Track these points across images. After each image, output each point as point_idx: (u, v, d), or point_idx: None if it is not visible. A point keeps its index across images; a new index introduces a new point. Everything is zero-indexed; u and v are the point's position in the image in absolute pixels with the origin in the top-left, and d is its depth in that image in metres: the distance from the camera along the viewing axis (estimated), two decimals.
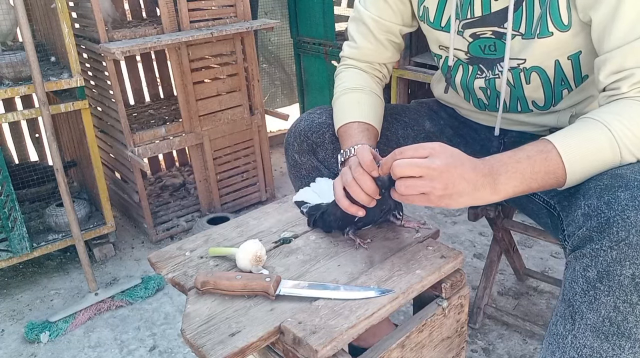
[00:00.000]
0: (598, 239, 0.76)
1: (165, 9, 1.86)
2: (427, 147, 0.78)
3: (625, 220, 0.73)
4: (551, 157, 0.80)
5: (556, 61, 0.97)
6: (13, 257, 1.69)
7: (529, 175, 0.80)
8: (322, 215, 0.98)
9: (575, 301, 0.81)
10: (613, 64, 0.84)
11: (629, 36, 0.82)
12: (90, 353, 1.49)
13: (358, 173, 0.84)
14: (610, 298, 0.76)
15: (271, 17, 2.73)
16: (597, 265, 0.77)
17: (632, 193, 0.74)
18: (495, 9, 0.97)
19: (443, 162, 0.76)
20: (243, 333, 0.74)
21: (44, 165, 2.19)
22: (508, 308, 1.56)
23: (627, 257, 0.73)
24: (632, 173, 0.77)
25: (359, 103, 1.10)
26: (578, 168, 0.81)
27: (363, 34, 1.16)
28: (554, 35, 0.92)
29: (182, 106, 1.97)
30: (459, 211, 2.13)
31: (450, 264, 0.89)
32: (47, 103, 1.52)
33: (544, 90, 1.03)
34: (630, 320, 0.76)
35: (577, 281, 0.80)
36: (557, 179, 0.81)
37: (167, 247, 0.98)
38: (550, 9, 0.91)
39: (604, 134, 0.80)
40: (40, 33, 1.95)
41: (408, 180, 0.77)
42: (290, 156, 1.18)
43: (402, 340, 0.84)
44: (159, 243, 2.05)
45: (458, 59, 1.10)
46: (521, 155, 0.81)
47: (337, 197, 0.89)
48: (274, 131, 3.07)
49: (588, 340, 0.81)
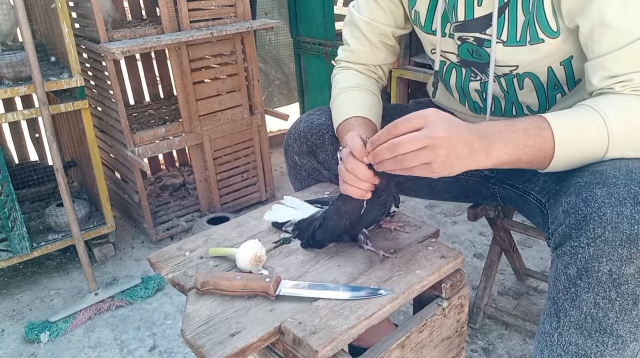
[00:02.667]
0: (576, 236, 0.77)
1: (165, 9, 1.86)
2: (420, 116, 0.77)
3: (602, 216, 0.73)
4: (545, 135, 0.80)
5: (549, 67, 0.97)
6: (13, 257, 1.69)
7: (522, 146, 0.79)
8: (323, 223, 0.93)
9: (559, 299, 0.83)
10: (605, 70, 0.84)
11: (619, 42, 0.81)
12: (90, 353, 1.49)
13: (350, 163, 0.83)
14: (590, 295, 0.78)
15: (271, 17, 2.73)
16: (576, 263, 0.78)
17: (608, 190, 0.75)
18: (478, 15, 0.97)
19: (443, 129, 0.75)
20: (243, 333, 0.74)
21: (44, 165, 2.19)
22: (508, 308, 1.56)
23: (603, 253, 0.74)
24: (612, 169, 0.78)
25: (355, 100, 1.10)
26: (562, 160, 0.81)
27: (356, 37, 1.16)
28: (545, 42, 0.92)
29: (182, 106, 1.97)
30: (458, 211, 2.13)
31: (450, 264, 0.89)
32: (47, 103, 1.52)
33: (537, 95, 1.03)
34: (610, 317, 0.77)
35: (560, 279, 0.81)
36: (545, 159, 0.81)
37: (167, 247, 0.98)
38: (537, 16, 0.90)
39: (599, 130, 0.80)
40: (40, 33, 1.95)
41: (409, 153, 0.76)
42: (290, 158, 1.18)
43: (402, 340, 0.84)
44: (159, 243, 2.05)
45: (451, 61, 1.10)
46: (518, 125, 0.81)
47: (343, 189, 0.87)
48: (274, 131, 3.07)
49: (573, 338, 0.82)
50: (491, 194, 1.18)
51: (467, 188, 1.20)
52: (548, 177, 0.96)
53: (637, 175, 0.76)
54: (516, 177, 1.08)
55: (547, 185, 0.96)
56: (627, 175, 0.76)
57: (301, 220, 0.99)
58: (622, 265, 0.73)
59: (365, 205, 0.88)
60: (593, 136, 0.80)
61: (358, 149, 0.82)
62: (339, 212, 0.91)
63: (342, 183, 0.86)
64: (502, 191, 1.14)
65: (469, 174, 1.18)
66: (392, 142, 0.77)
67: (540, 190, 0.98)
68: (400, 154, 0.76)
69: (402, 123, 0.77)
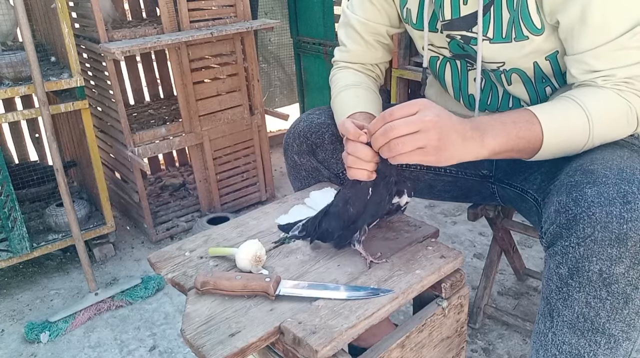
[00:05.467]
0: (567, 236, 0.78)
1: (165, 9, 1.86)
2: (414, 103, 0.79)
3: (591, 216, 0.74)
4: (535, 129, 0.83)
5: (535, 62, 0.98)
6: (13, 257, 1.69)
7: (513, 138, 0.82)
8: (329, 210, 0.91)
9: (551, 298, 0.83)
10: (587, 65, 0.86)
11: (599, 40, 0.83)
12: (90, 353, 1.49)
13: (350, 146, 0.84)
14: (582, 295, 0.78)
15: (271, 17, 2.73)
16: (567, 262, 0.78)
17: (598, 189, 0.75)
18: (464, 14, 0.98)
19: (435, 114, 0.77)
20: (243, 333, 0.74)
21: (44, 165, 2.19)
22: (508, 308, 1.56)
23: (593, 253, 0.75)
24: (603, 168, 0.79)
25: (357, 96, 1.10)
26: (546, 151, 0.85)
27: (352, 38, 1.17)
28: (529, 39, 0.93)
29: (182, 106, 1.97)
30: (458, 211, 2.13)
31: (450, 264, 0.89)
32: (47, 103, 1.52)
33: (526, 89, 1.04)
34: (602, 316, 0.78)
35: (552, 278, 0.82)
36: (533, 150, 0.85)
37: (167, 247, 0.98)
38: (522, 14, 0.91)
39: (583, 127, 0.83)
40: (40, 33, 1.95)
41: (403, 137, 0.76)
42: (289, 157, 1.18)
43: (402, 340, 0.84)
44: (159, 243, 2.05)
45: (444, 56, 1.11)
46: (507, 119, 0.83)
47: (349, 174, 0.86)
48: (274, 131, 3.07)
49: (566, 337, 0.82)
50: (490, 194, 1.18)
51: (466, 188, 1.20)
52: (545, 176, 0.97)
53: (628, 174, 0.76)
54: (514, 176, 1.08)
55: (543, 184, 0.97)
56: (618, 174, 0.77)
57: (305, 221, 0.98)
58: (612, 265, 0.74)
59: (370, 192, 0.87)
60: (577, 133, 0.84)
61: (352, 131, 0.83)
62: (344, 198, 0.90)
63: (348, 170, 0.86)
64: (500, 191, 1.14)
65: (468, 174, 1.18)
66: (385, 127, 0.77)
67: (537, 189, 0.99)
68: (393, 138, 0.76)
69: (397, 110, 0.78)
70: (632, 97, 0.84)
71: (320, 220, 0.93)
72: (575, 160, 0.86)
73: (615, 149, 0.86)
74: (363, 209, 0.88)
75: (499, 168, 1.13)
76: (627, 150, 0.87)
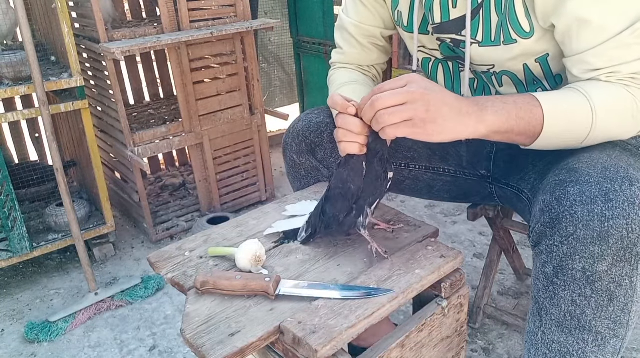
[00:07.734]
0: (551, 235, 0.78)
1: (165, 8, 1.86)
2: (403, 78, 0.79)
3: (573, 215, 0.75)
4: (536, 111, 0.82)
5: (524, 65, 0.97)
6: (13, 257, 1.69)
7: (514, 117, 0.81)
8: (329, 195, 0.90)
9: (539, 297, 0.84)
10: (587, 64, 0.85)
11: (597, 39, 0.82)
12: (90, 353, 1.49)
13: (339, 120, 0.84)
14: (567, 293, 0.79)
15: (271, 17, 2.73)
16: (552, 261, 0.79)
17: (581, 188, 0.76)
18: (453, 17, 0.98)
19: (421, 86, 0.77)
20: (243, 333, 0.74)
21: (44, 165, 2.19)
22: (508, 308, 1.56)
23: (576, 251, 0.75)
24: (587, 167, 0.79)
25: (355, 92, 1.10)
26: (546, 140, 0.83)
27: (347, 40, 1.18)
28: (517, 42, 0.93)
29: (182, 106, 1.97)
30: (458, 211, 2.13)
31: (450, 264, 0.89)
32: (47, 103, 1.52)
33: (517, 91, 1.04)
34: (588, 314, 0.79)
35: (539, 277, 0.83)
36: (534, 134, 0.83)
37: (167, 247, 0.98)
38: (509, 17, 0.91)
39: (586, 114, 0.82)
40: (40, 33, 1.95)
41: (390, 108, 0.76)
42: (288, 156, 1.18)
43: (402, 339, 0.84)
44: (159, 243, 2.05)
45: (436, 58, 1.11)
46: (508, 99, 0.83)
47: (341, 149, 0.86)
48: (273, 131, 3.06)
49: (555, 335, 0.83)
50: (489, 194, 1.18)
51: (465, 188, 1.20)
52: (538, 175, 0.97)
53: (611, 173, 0.76)
54: (511, 176, 1.08)
55: (536, 183, 0.97)
56: (602, 173, 0.77)
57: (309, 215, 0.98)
58: (595, 263, 0.75)
59: (364, 166, 0.86)
60: (579, 122, 0.82)
61: (340, 103, 0.83)
62: (341, 178, 0.89)
63: (339, 144, 0.86)
64: (498, 190, 1.14)
65: (466, 174, 1.18)
66: (373, 98, 0.78)
67: (531, 188, 0.99)
68: (380, 110, 0.77)
69: (386, 83, 0.79)
70: (639, 92, 0.83)
71: (323, 208, 0.93)
72: (565, 159, 0.86)
73: (606, 148, 0.85)
74: (362, 184, 0.87)
75: (497, 168, 1.13)
76: (618, 149, 0.86)
